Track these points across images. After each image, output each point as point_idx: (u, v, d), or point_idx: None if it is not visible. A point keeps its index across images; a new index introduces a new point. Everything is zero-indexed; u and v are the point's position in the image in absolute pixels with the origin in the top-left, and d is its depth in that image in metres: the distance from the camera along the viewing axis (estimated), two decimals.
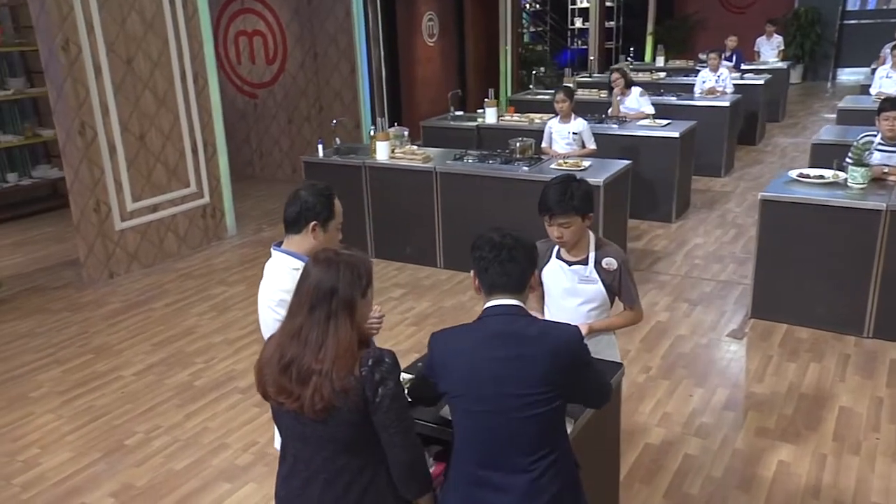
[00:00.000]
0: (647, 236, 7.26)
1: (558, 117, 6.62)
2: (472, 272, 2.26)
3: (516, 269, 2.17)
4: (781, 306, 5.29)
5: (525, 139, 6.48)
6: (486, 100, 8.32)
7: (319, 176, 6.87)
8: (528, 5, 16.25)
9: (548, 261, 3.10)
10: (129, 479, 3.77)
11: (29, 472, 3.84)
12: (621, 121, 7.85)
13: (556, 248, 3.06)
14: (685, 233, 7.34)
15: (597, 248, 3.03)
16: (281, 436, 2.20)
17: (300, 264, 2.56)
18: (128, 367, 4.89)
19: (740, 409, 4.28)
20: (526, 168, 6.12)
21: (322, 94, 9.48)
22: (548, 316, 3.19)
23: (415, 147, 6.78)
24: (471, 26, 12.30)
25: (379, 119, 6.72)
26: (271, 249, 2.64)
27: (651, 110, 7.92)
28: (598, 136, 6.88)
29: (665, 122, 7.72)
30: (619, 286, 3.04)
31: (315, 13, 9.25)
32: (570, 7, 17.72)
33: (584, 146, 6.58)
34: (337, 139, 6.95)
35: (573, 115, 6.58)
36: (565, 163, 6.14)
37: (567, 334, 2.14)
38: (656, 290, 6.00)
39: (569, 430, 2.40)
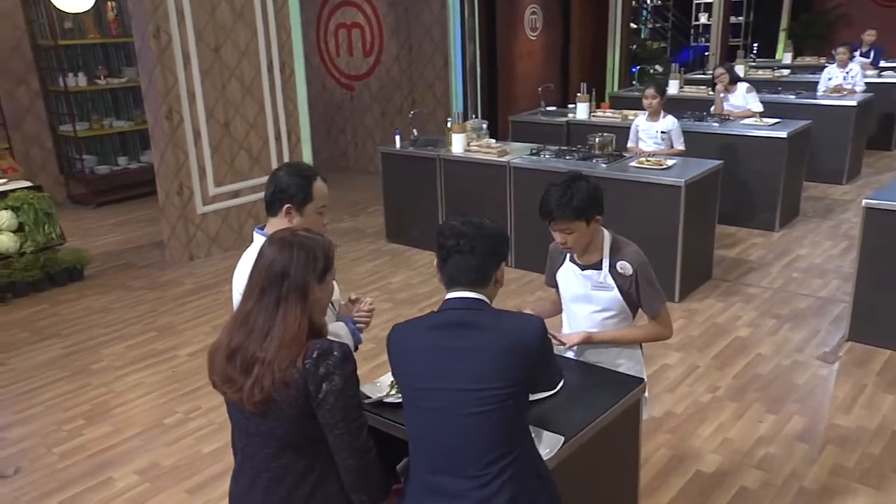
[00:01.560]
0: (743, 245, 6.67)
1: (646, 114, 6.19)
2: (435, 260, 2.08)
3: (476, 261, 1.98)
4: (884, 330, 4.68)
5: (605, 135, 6.11)
6: (578, 94, 7.97)
7: (396, 167, 6.81)
8: (648, 0, 15.56)
9: (562, 263, 2.84)
10: (158, 457, 3.80)
11: (70, 442, 3.96)
12: (723, 119, 7.27)
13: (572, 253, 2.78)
14: (788, 243, 6.69)
15: (612, 252, 2.71)
16: (232, 429, 2.07)
17: None
18: (184, 348, 4.99)
19: (817, 443, 3.78)
20: (604, 165, 5.76)
21: (415, 86, 9.42)
22: (564, 323, 2.90)
23: (492, 141, 6.56)
24: (577, 20, 11.87)
25: (455, 111, 6.53)
26: (254, 233, 2.52)
27: (758, 108, 7.29)
28: (694, 135, 6.40)
29: (774, 121, 7.08)
30: (637, 294, 2.71)
31: (411, 5, 9.20)
32: (695, 2, 16.81)
33: (672, 146, 6.12)
34: (414, 130, 6.85)
35: (662, 113, 6.13)
36: (647, 161, 5.72)
37: (527, 327, 1.94)
38: (742, 303, 5.48)
39: (552, 452, 2.14)
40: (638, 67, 11.12)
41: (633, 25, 13.77)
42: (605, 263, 2.71)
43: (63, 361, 4.86)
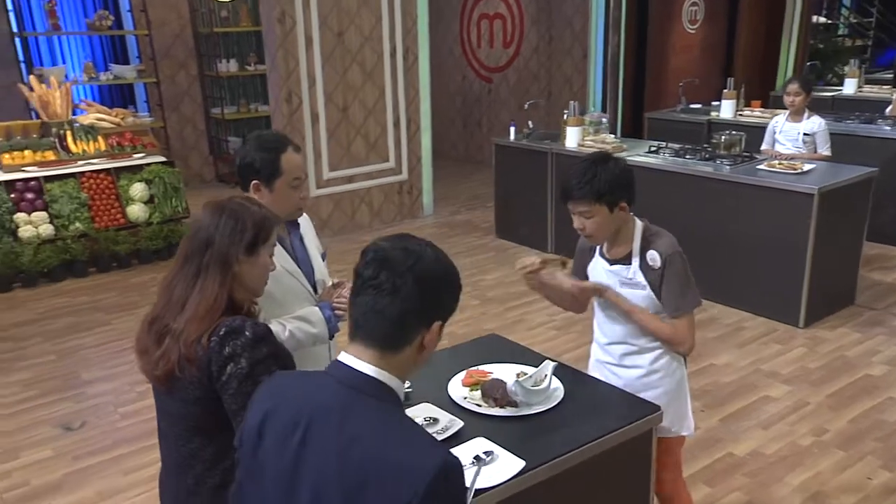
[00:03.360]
0: None
1: (787, 114, 5.45)
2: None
3: (396, 309, 1.32)
4: None
5: (734, 133, 5.45)
6: (724, 91, 7.23)
7: (508, 160, 6.54)
8: None
9: (591, 258, 2.47)
10: None
11: (135, 404, 4.11)
12: None
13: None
14: None
15: (643, 244, 2.33)
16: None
17: None
18: None
19: None
20: (728, 167, 5.13)
21: (553, 79, 9.06)
22: (595, 329, 2.51)
23: (609, 136, 6.10)
24: (746, 12, 10.85)
25: (572, 103, 6.13)
26: None
27: None
28: (857, 139, 5.59)
29: None
30: (659, 287, 2.30)
31: None
32: None
33: (815, 151, 5.33)
34: (530, 122, 6.53)
35: (807, 113, 5.36)
36: (780, 164, 5.02)
37: (417, 458, 1.23)
38: (885, 336, 4.66)
39: (500, 480, 1.81)
40: (812, 64, 9.95)
41: (822, 20, 12.43)
42: (636, 257, 2.33)
43: None
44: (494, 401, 2.21)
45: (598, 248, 2.44)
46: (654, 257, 2.31)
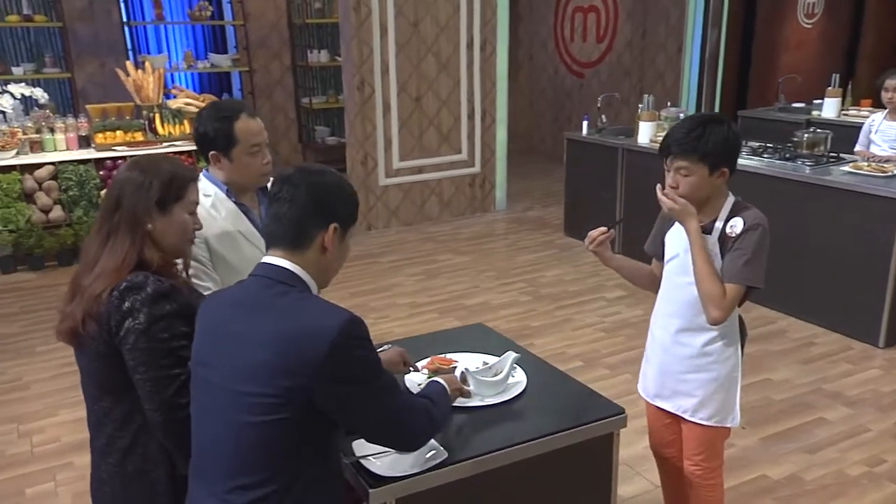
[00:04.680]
0: None
1: (885, 112, 4.93)
2: None
3: (294, 213, 1.58)
4: None
5: (818, 131, 4.98)
6: (828, 89, 6.66)
7: (579, 156, 6.31)
8: None
9: (672, 224, 2.30)
10: None
11: None
12: None
13: None
14: None
15: (730, 216, 2.18)
16: None
17: (212, 190, 2.28)
18: None
19: None
20: (808, 168, 4.70)
21: (645, 75, 8.66)
22: (657, 302, 2.36)
23: None
24: (874, 4, 9.97)
25: (646, 97, 5.82)
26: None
27: None
28: None
29: None
30: (729, 251, 2.15)
31: None
32: None
33: None
34: (603, 117, 6.25)
35: None
36: (867, 166, 4.55)
37: (322, 325, 1.48)
38: None
39: (413, 468, 1.69)
40: None
41: None
42: (718, 226, 2.19)
43: None
44: None
45: None
46: (735, 224, 2.16)
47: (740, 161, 4.96)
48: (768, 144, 5.24)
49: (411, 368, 2.15)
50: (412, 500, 1.74)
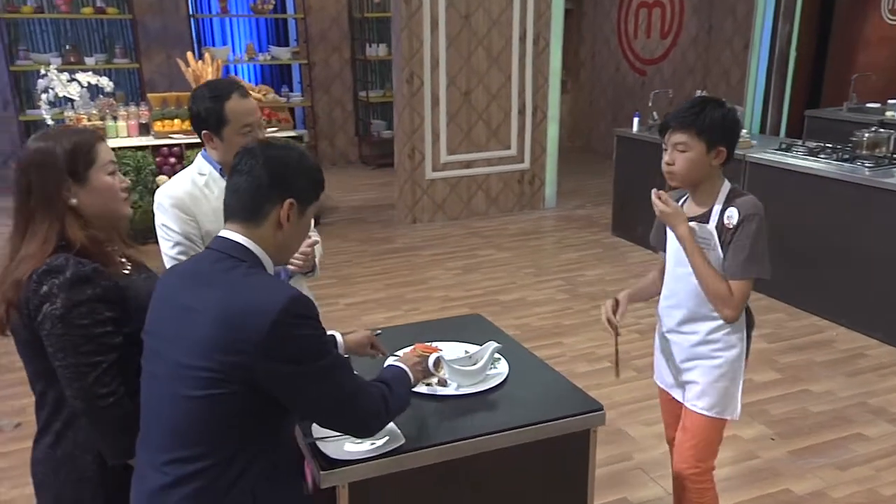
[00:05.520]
0: None
1: None
2: None
3: (248, 185, 1.55)
4: None
5: (881, 131, 4.67)
6: None
7: (629, 153, 6.14)
8: None
9: None
10: None
11: None
12: None
13: (683, 199, 2.28)
14: None
15: (726, 203, 2.14)
16: None
17: (207, 169, 2.30)
18: (348, 297, 5.13)
19: None
20: (868, 170, 4.43)
21: (710, 72, 8.35)
22: (662, 292, 2.33)
23: (741, 129, 5.47)
24: None
25: (698, 92, 5.59)
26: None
27: None
28: None
29: None
30: (728, 245, 2.11)
31: None
32: None
33: None
34: (655, 114, 6.05)
35: None
36: None
37: (264, 300, 1.45)
38: None
39: (373, 447, 1.65)
40: None
41: None
42: (716, 213, 2.16)
43: None
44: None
45: (679, 204, 2.24)
46: (731, 214, 2.13)
47: (794, 161, 4.77)
48: (826, 144, 4.96)
49: (380, 354, 2.11)
50: (366, 485, 1.70)
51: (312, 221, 1.72)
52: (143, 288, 1.71)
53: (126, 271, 1.74)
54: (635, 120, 6.09)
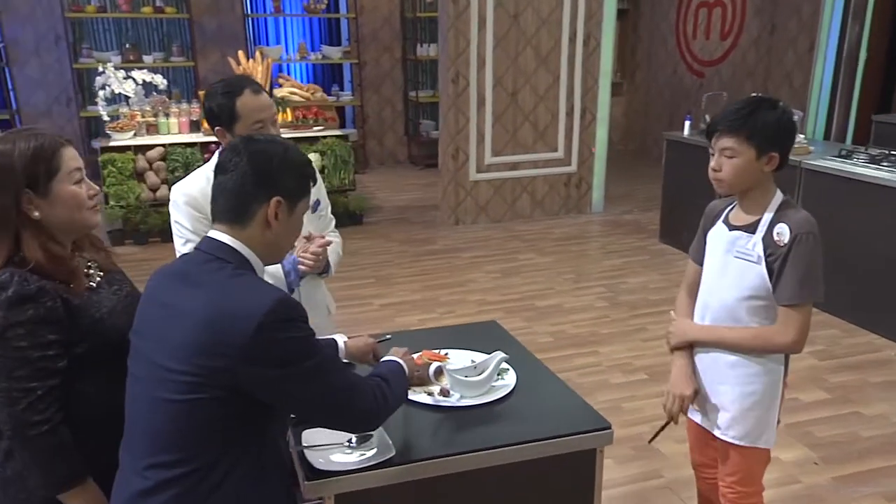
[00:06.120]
0: None
1: None
2: None
3: (232, 184, 1.50)
4: None
5: None
6: None
7: (679, 157, 5.93)
8: None
9: (715, 223, 2.13)
10: None
11: None
12: None
13: (731, 207, 2.11)
14: None
15: (776, 215, 1.97)
16: None
17: None
18: (384, 298, 5.08)
19: None
20: None
21: (771, 75, 8.02)
22: (696, 309, 2.16)
23: (798, 136, 5.21)
24: None
25: (753, 96, 5.34)
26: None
27: None
28: None
29: None
30: (779, 268, 1.93)
31: None
32: None
33: None
34: (707, 117, 5.81)
35: None
36: None
37: (248, 302, 1.40)
38: None
39: (363, 459, 1.58)
40: None
41: None
42: (764, 224, 1.97)
43: None
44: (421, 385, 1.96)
45: (725, 212, 2.11)
46: (782, 231, 1.94)
47: (854, 169, 4.50)
48: (891, 152, 4.67)
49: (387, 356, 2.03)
50: (353, 498, 1.63)
51: (305, 218, 1.66)
52: (108, 303, 1.65)
53: (93, 284, 1.67)
54: (686, 123, 5.87)
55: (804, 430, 3.44)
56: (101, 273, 1.72)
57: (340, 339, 1.99)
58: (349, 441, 1.70)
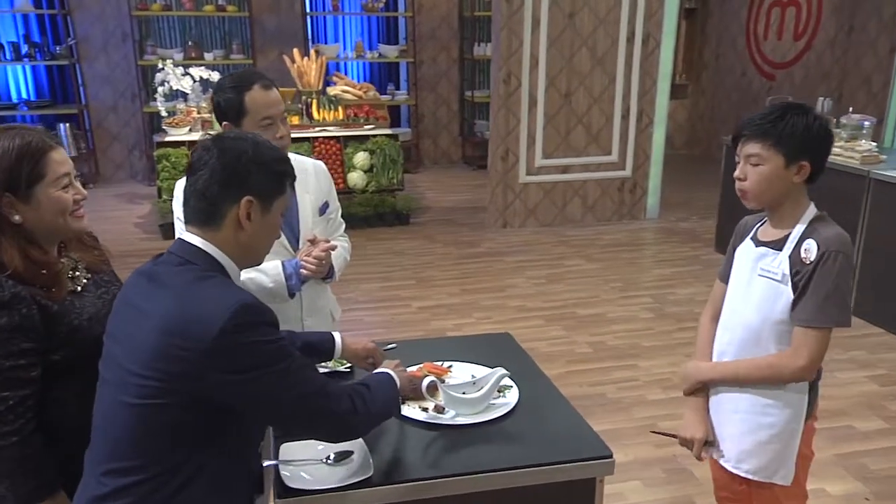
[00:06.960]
0: None
1: None
2: None
3: (202, 185, 1.43)
4: None
5: None
6: None
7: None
8: None
9: (744, 240, 1.98)
10: None
11: None
12: None
13: (761, 222, 1.96)
14: None
15: (806, 232, 1.81)
16: None
17: None
18: (421, 300, 4.99)
19: None
20: None
21: (847, 77, 7.57)
22: (718, 331, 2.01)
23: (869, 144, 4.88)
24: None
25: (821, 99, 5.05)
26: None
27: None
28: None
29: None
30: (802, 288, 1.77)
31: None
32: None
33: None
34: None
35: None
36: None
37: (212, 306, 1.34)
38: None
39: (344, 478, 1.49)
40: None
41: None
42: (792, 241, 1.82)
43: None
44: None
45: (755, 228, 1.96)
46: (809, 248, 1.79)
47: None
48: None
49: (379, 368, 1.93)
50: None
51: (312, 221, 1.57)
52: (91, 308, 1.60)
53: (78, 287, 1.62)
54: None
55: (857, 461, 3.19)
56: (89, 275, 1.68)
57: (337, 336, 1.90)
58: (327, 458, 1.61)
